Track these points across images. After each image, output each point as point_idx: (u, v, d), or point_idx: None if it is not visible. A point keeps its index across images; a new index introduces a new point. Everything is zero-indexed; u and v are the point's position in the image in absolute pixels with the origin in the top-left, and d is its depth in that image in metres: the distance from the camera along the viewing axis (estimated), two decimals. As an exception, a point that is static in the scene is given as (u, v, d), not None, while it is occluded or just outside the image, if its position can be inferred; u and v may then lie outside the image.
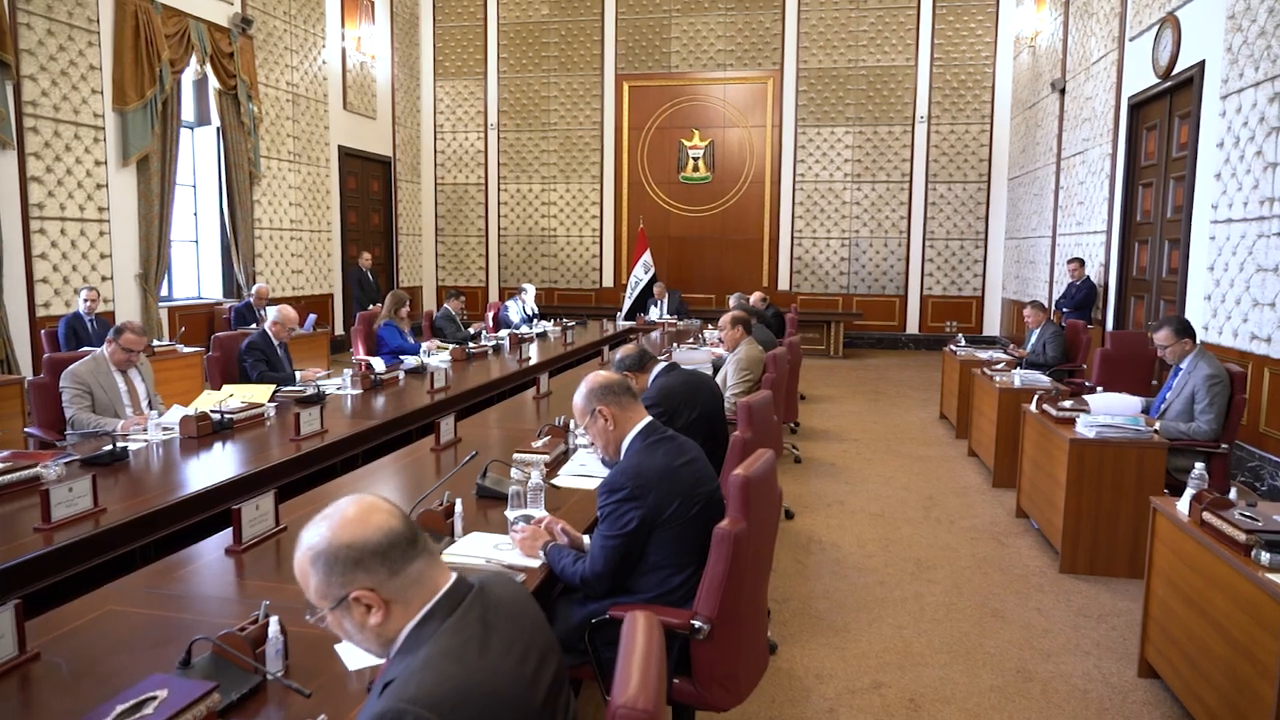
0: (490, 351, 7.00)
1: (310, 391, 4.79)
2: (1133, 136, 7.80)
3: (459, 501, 2.55)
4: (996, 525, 4.77)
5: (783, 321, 8.04)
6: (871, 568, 4.10)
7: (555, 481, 3.09)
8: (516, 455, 3.28)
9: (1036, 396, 4.63)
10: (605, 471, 2.43)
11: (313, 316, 8.93)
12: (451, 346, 6.65)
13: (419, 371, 5.80)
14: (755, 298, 8.67)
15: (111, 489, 2.99)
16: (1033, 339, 7.05)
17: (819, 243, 13.19)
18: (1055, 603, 3.71)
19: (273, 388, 4.62)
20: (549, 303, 13.99)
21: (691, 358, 6.02)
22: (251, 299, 8.69)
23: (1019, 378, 5.48)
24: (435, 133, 14.25)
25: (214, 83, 9.35)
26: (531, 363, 6.63)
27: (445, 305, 8.07)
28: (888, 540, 4.49)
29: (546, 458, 3.27)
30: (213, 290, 9.87)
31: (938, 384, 9.50)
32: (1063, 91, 9.82)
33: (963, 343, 7.41)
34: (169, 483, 3.20)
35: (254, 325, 8.30)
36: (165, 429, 3.80)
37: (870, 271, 13.07)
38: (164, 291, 9.18)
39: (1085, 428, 3.99)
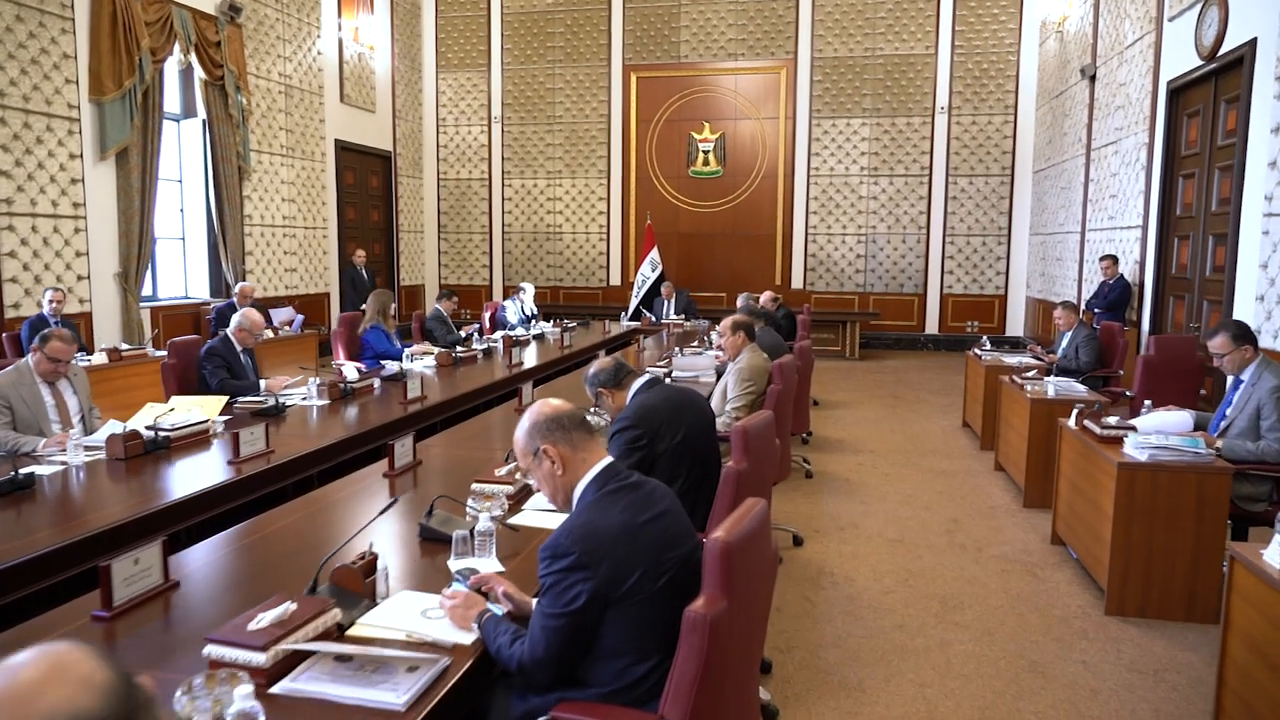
0: (480, 356, 6.56)
1: (271, 403, 4.36)
2: (1172, 123, 7.25)
3: (381, 557, 2.09)
4: (1030, 554, 4.27)
5: (794, 324, 7.55)
6: (889, 607, 3.62)
7: (517, 520, 2.62)
8: (475, 486, 2.83)
9: (1076, 411, 4.13)
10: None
11: (300, 318, 8.52)
12: (437, 351, 6.21)
13: (397, 379, 5.37)
14: (765, 298, 8.18)
15: (-5, 527, 2.56)
16: (1064, 342, 6.52)
17: (834, 239, 12.67)
18: (1103, 654, 3.21)
19: (225, 399, 4.19)
20: (554, 302, 13.55)
21: (693, 364, 5.55)
22: (235, 299, 8.27)
23: (1052, 387, 4.97)
24: (438, 126, 13.83)
25: (199, 73, 8.95)
26: (523, 368, 6.17)
27: (436, 306, 7.64)
28: (908, 572, 4.00)
29: (509, 489, 2.81)
30: (200, 290, 9.48)
31: (959, 388, 8.98)
32: (1093, 78, 9.26)
33: (987, 346, 6.90)
34: (65, 518, 2.76)
35: (237, 327, 7.89)
36: (89, 449, 3.37)
37: (888, 269, 12.53)
38: (147, 291, 8.81)
39: (1135, 449, 3.49)
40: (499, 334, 7.64)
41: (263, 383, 4.80)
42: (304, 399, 4.63)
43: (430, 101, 13.81)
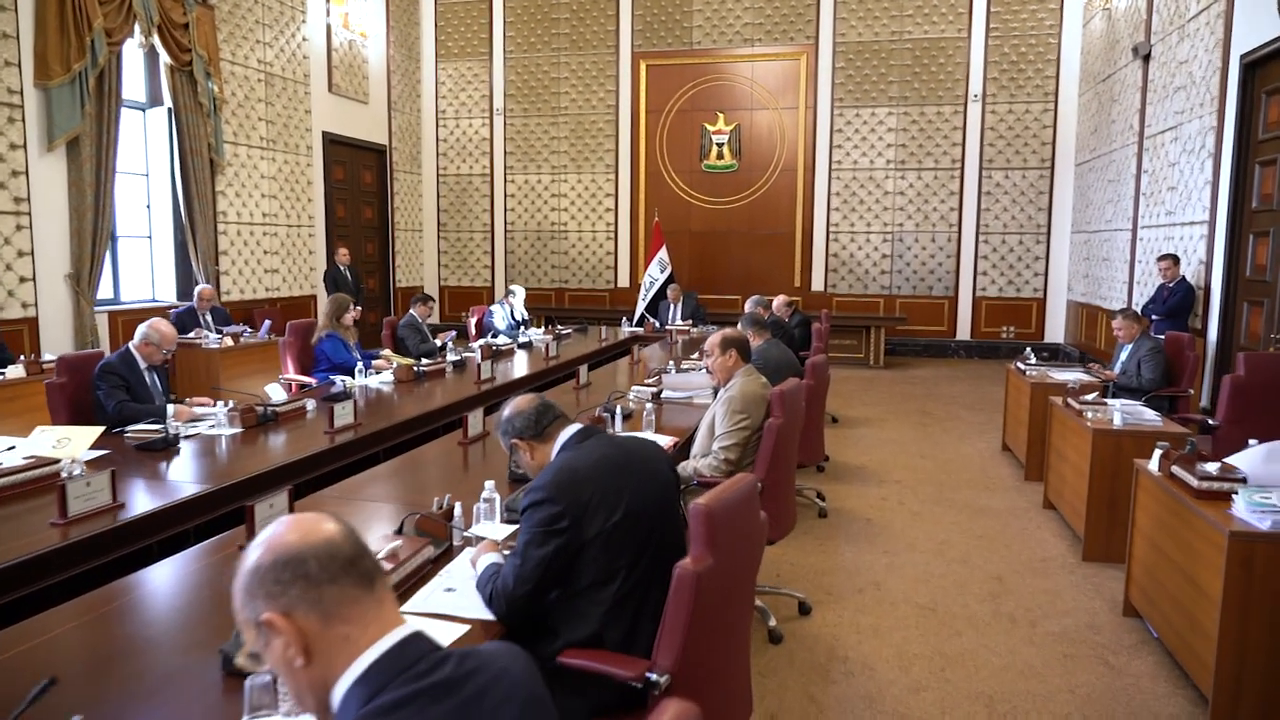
0: (450, 368, 5.77)
1: (162, 435, 3.59)
2: (1246, 103, 6.31)
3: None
4: (1097, 630, 3.40)
5: (809, 333, 6.68)
6: (921, 713, 2.77)
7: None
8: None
9: (1160, 453, 3.25)
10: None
11: (267, 323, 7.78)
12: (396, 364, 5.43)
13: (342, 398, 4.59)
14: (778, 302, 7.34)
15: None
16: (1123, 356, 5.62)
17: (858, 238, 11.77)
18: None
19: (101, 430, 3.43)
20: (559, 305, 12.78)
21: (687, 382, 4.72)
22: (195, 302, 7.56)
23: (1119, 414, 4.09)
24: (437, 119, 13.09)
25: (165, 58, 8.25)
26: (493, 384, 5.38)
27: (410, 311, 6.87)
28: (943, 658, 3.15)
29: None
30: (168, 293, 8.79)
31: (996, 402, 8.08)
32: (1147, 57, 8.31)
33: (1031, 359, 6.00)
34: None
35: (195, 334, 7.19)
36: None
37: (916, 270, 11.61)
38: (108, 294, 8.14)
39: (1252, 512, 2.62)
40: (480, 342, 6.85)
41: (171, 407, 4.03)
42: (212, 427, 3.86)
43: (429, 93, 13.07)
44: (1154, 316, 7.01)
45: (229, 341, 7.06)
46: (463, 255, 13.29)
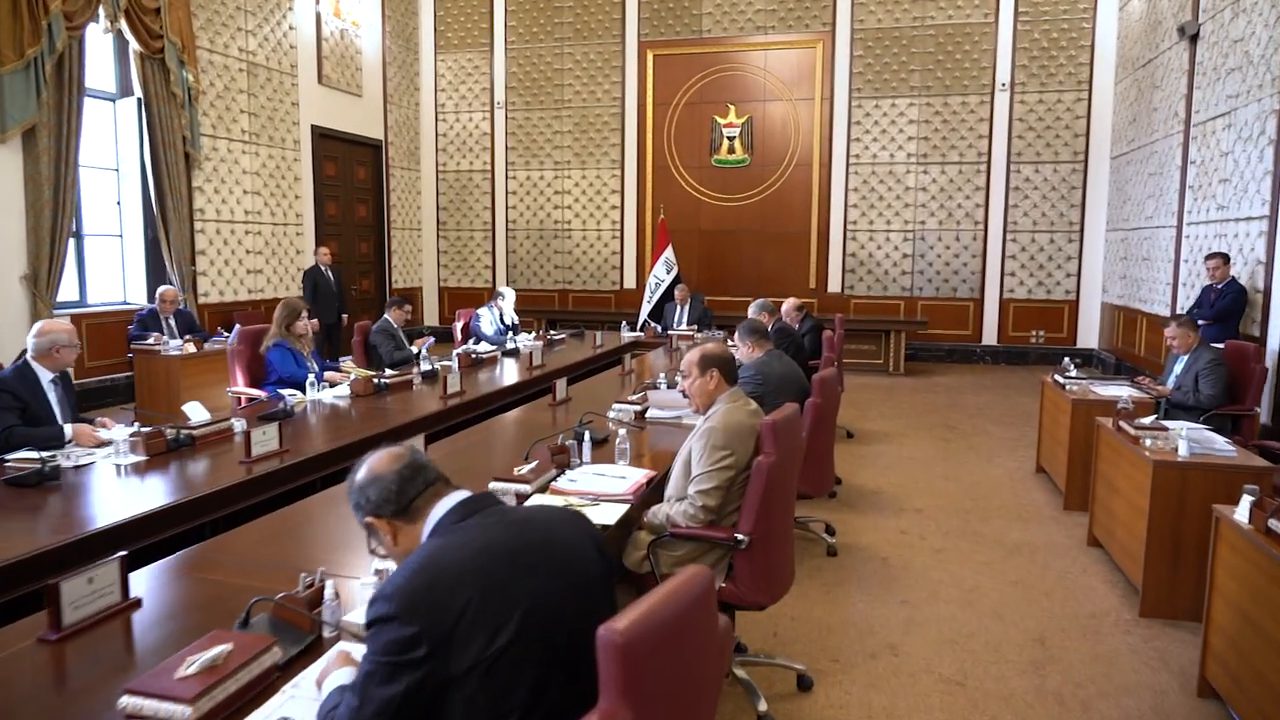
0: (418, 380, 5.18)
1: (54, 464, 3.02)
2: (1314, 84, 5.62)
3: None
4: (1168, 717, 2.75)
5: (820, 341, 6.03)
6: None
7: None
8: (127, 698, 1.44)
9: (1250, 501, 2.60)
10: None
11: (237, 327, 7.22)
12: (352, 377, 4.85)
13: (278, 417, 4.02)
14: (788, 306, 6.70)
15: None
16: (1177, 369, 4.94)
17: (877, 236, 11.10)
18: None
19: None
20: (563, 307, 12.21)
21: (675, 401, 4.10)
22: (156, 304, 7.04)
23: (1185, 443, 3.43)
24: (436, 113, 12.54)
25: (134, 44, 7.74)
26: (464, 398, 4.78)
27: (385, 316, 6.30)
28: (976, 755, 2.52)
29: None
30: (139, 294, 8.27)
31: (1026, 413, 7.44)
32: (1195, 37, 7.60)
33: (1071, 371, 5.33)
34: None
35: (153, 339, 6.66)
36: None
37: (939, 270, 10.93)
38: (73, 295, 7.65)
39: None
40: (460, 349, 6.26)
41: (68, 428, 3.48)
42: (109, 456, 3.29)
43: (428, 85, 12.53)
44: (1200, 322, 6.30)
45: (191, 348, 6.52)
46: (463, 255, 12.74)
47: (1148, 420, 3.79)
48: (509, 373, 5.88)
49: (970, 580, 3.84)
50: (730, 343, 4.35)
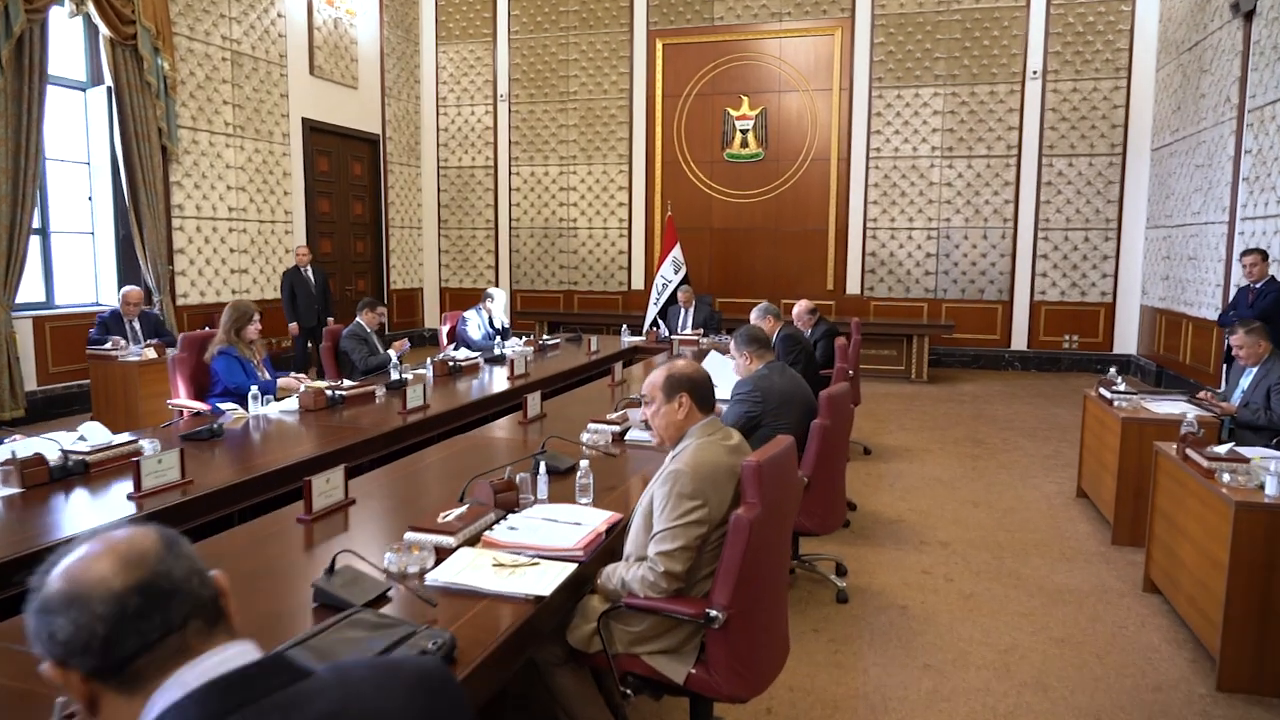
0: (381, 393, 4.64)
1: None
2: (1398, 58, 4.95)
3: None
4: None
5: (832, 348, 5.42)
6: None
7: None
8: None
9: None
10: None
11: (181, 335, 6.73)
12: (302, 389, 4.31)
13: (203, 436, 3.50)
14: (800, 309, 6.10)
15: None
16: (1244, 383, 4.30)
17: (899, 235, 10.46)
18: None
19: None
20: (568, 309, 11.67)
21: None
22: (119, 306, 6.56)
23: (1274, 480, 2.81)
24: (437, 106, 12.04)
25: (104, 30, 7.28)
26: (429, 413, 4.24)
27: (357, 319, 5.77)
28: None
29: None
30: (112, 295, 7.80)
31: (1061, 426, 6.82)
32: (1250, 14, 6.92)
33: (1120, 384, 4.69)
34: None
35: (111, 344, 6.18)
36: None
37: (965, 271, 10.27)
38: (37, 296, 7.20)
39: None
40: (439, 356, 5.72)
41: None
42: (-24, 488, 2.77)
43: (429, 78, 12.03)
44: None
45: (151, 354, 6.03)
46: (464, 254, 12.22)
47: (1222, 449, 3.17)
48: (489, 382, 5.33)
49: (1007, 638, 3.23)
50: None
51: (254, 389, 4.11)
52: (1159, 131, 9.26)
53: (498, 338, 6.79)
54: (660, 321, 9.13)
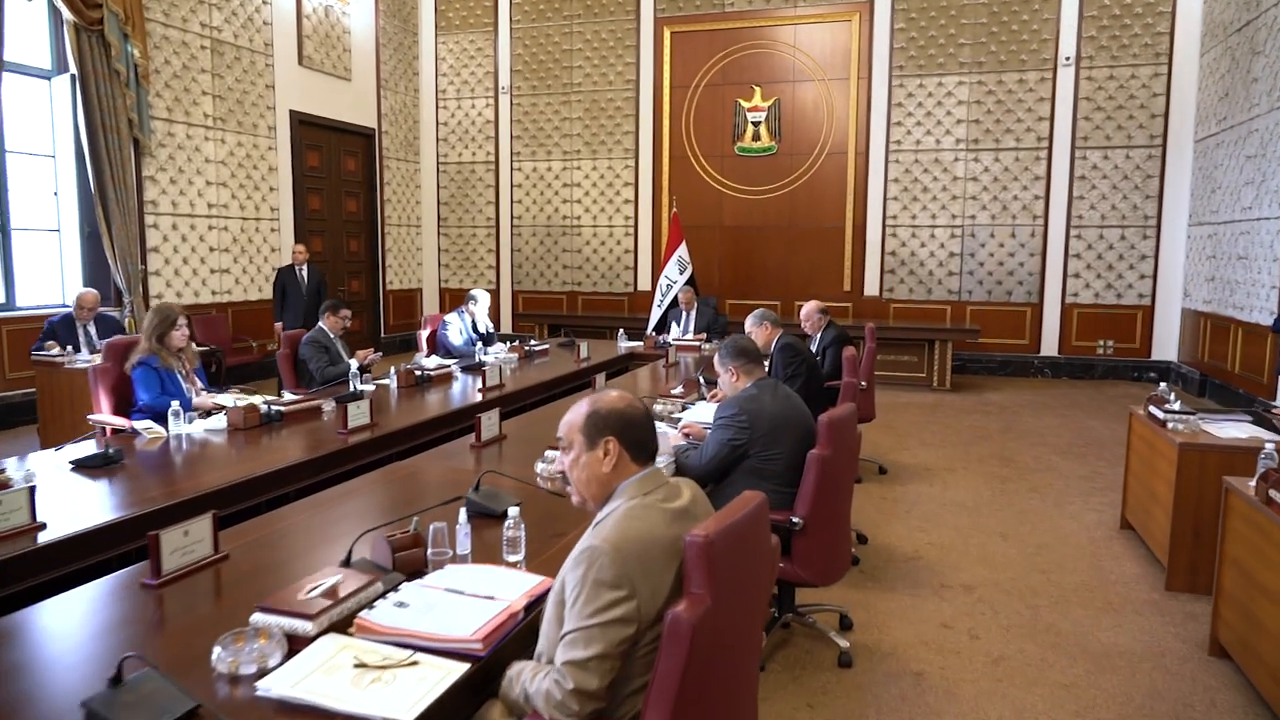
0: (328, 408, 4.11)
1: None
2: None
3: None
4: None
5: (839, 360, 4.82)
6: None
7: None
8: None
9: None
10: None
11: (104, 342, 6.26)
12: (229, 407, 3.79)
13: (95, 464, 3.00)
14: (809, 309, 5.52)
15: None
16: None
17: (921, 233, 9.83)
18: None
19: None
20: (571, 311, 11.15)
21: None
22: (73, 310, 6.10)
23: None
24: (437, 99, 11.55)
25: (67, 14, 6.84)
26: (372, 435, 3.71)
27: (320, 324, 5.26)
28: None
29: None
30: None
31: (1097, 441, 6.22)
32: (1312, -11, 6.25)
33: (1173, 401, 4.07)
34: None
35: (63, 352, 5.71)
36: None
37: (992, 271, 9.62)
38: (-5, 298, 6.77)
39: None
40: (408, 364, 5.18)
41: None
42: None
43: (428, 69, 11.55)
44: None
45: (99, 360, 5.54)
46: (465, 254, 11.73)
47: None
48: (459, 395, 4.80)
49: (1048, 716, 2.64)
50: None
51: (174, 405, 3.60)
52: (1204, 121, 8.57)
53: (479, 343, 6.25)
54: (672, 326, 8.53)
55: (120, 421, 3.83)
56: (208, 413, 3.78)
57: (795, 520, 2.77)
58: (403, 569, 2.03)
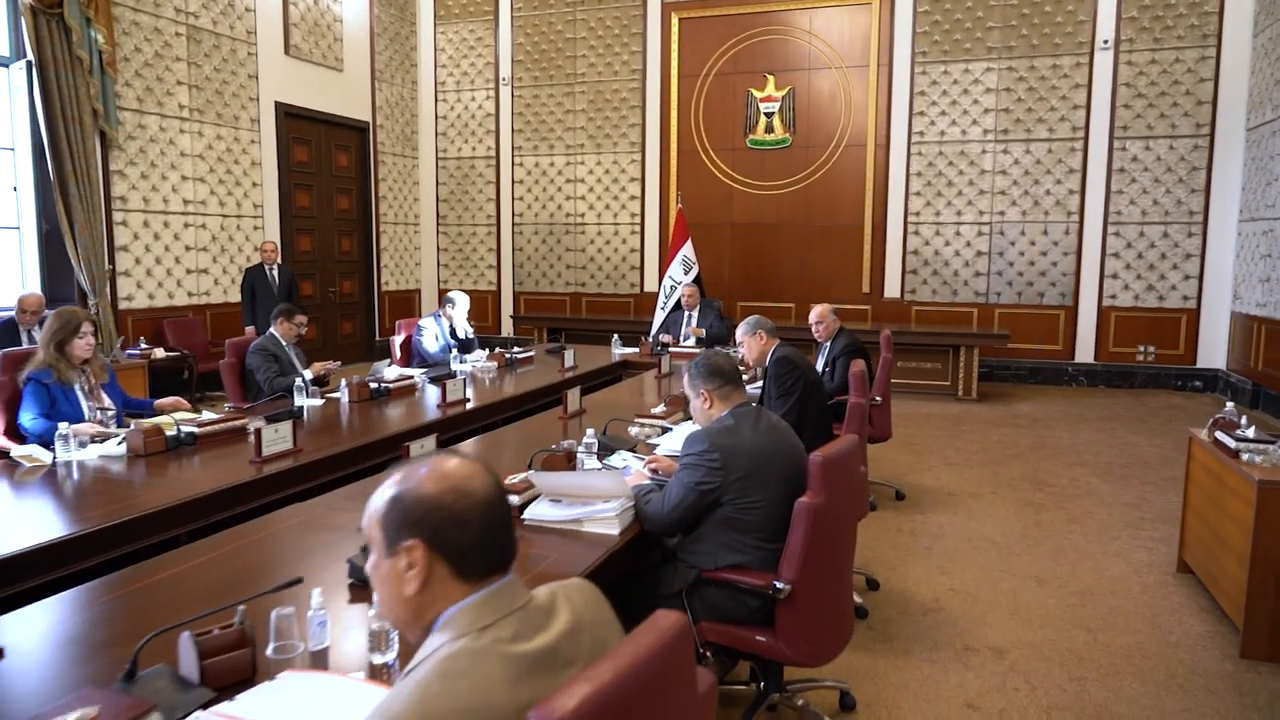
0: (257, 428, 3.56)
1: None
2: None
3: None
4: None
5: (846, 377, 4.20)
6: None
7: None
8: None
9: None
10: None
11: (120, 340, 5.80)
12: (132, 427, 3.26)
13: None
14: (818, 313, 4.91)
15: None
16: None
17: (945, 230, 9.17)
18: None
19: None
20: (574, 313, 10.60)
21: (584, 488, 2.40)
22: (15, 313, 5.63)
23: None
24: (436, 92, 11.05)
25: (23, -5, 6.39)
26: (293, 464, 3.17)
27: (270, 330, 4.74)
28: None
29: None
30: (38, 298, 6.92)
31: (1143, 461, 5.58)
32: (1389, -47, 5.56)
33: (1246, 427, 3.42)
34: None
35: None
36: None
37: (1022, 272, 8.94)
38: (-55, 300, 6.32)
39: None
40: (367, 375, 4.64)
41: None
42: None
43: (426, 61, 11.04)
44: None
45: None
46: (465, 253, 11.21)
47: None
48: (415, 411, 4.24)
49: None
50: (743, 366, 2.63)
51: (61, 428, 3.07)
52: (1257, 107, 7.85)
53: (454, 350, 5.69)
54: (682, 328, 7.95)
55: (8, 444, 3.32)
56: (96, 437, 3.24)
57: (779, 585, 2.19)
58: (215, 682, 1.47)
